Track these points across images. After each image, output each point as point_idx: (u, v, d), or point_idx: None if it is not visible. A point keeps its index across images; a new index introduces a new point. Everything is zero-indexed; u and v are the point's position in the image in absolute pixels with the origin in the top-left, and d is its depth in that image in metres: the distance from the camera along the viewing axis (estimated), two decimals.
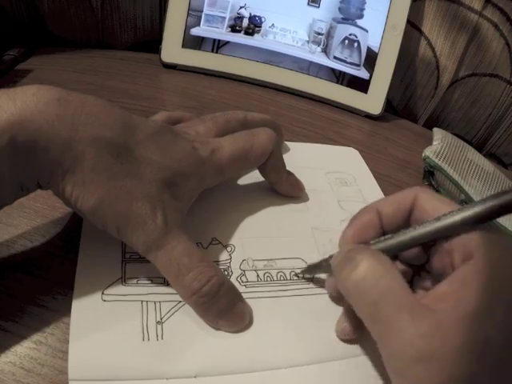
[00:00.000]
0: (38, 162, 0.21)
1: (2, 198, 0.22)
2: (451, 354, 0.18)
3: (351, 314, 0.24)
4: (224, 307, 0.23)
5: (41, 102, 0.21)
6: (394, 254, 0.23)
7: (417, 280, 0.25)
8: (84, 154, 0.22)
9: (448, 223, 0.21)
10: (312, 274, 0.27)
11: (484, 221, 0.20)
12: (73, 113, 0.22)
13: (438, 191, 0.40)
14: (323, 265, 0.26)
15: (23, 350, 0.21)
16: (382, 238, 0.23)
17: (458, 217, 0.21)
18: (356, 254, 0.22)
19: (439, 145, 0.40)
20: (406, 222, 0.24)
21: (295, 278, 0.27)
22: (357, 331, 0.24)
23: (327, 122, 0.46)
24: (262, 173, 0.31)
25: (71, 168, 0.22)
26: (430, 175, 0.40)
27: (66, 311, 0.23)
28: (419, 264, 0.24)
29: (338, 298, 0.26)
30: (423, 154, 0.39)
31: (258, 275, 0.27)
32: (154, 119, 0.30)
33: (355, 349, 0.24)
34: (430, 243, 0.23)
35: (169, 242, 0.23)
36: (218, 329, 0.23)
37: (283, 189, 0.32)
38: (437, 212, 0.22)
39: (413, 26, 0.49)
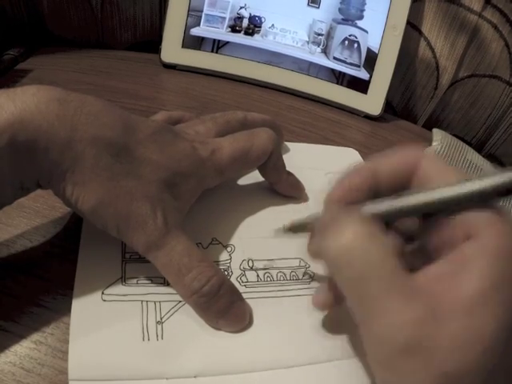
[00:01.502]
0: (37, 161, 0.21)
1: (2, 198, 0.22)
2: (447, 345, 0.15)
3: (332, 284, 0.22)
4: (224, 307, 0.23)
5: (41, 102, 0.21)
6: (390, 220, 0.20)
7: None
8: (84, 154, 0.22)
9: (465, 192, 0.18)
10: (296, 232, 0.25)
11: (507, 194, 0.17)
12: (73, 113, 0.22)
13: None
14: (307, 225, 0.23)
15: (23, 350, 0.21)
16: (379, 200, 0.20)
17: (477, 186, 0.18)
18: (343, 216, 0.19)
19: (438, 145, 0.40)
20: (404, 188, 0.20)
21: (292, 278, 0.27)
22: (336, 304, 0.22)
23: (327, 122, 0.46)
24: (262, 173, 0.31)
25: (71, 168, 0.22)
26: None
27: (66, 311, 0.23)
28: (408, 235, 0.21)
29: (315, 259, 0.24)
30: None
31: (257, 275, 0.27)
32: (154, 119, 0.30)
33: (355, 350, 0.24)
34: (433, 214, 0.19)
35: (169, 242, 0.23)
36: (218, 329, 0.23)
37: (283, 189, 0.32)
38: (443, 180, 0.19)
39: (413, 26, 0.49)
